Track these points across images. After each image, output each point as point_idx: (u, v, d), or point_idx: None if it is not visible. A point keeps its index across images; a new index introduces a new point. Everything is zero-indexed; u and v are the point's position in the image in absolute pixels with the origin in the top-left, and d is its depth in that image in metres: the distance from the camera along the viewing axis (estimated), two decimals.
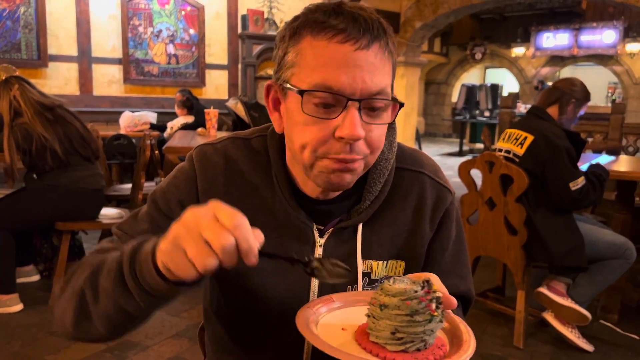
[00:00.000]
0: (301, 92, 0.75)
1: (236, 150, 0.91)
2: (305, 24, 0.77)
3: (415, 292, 0.66)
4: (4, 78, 2.91)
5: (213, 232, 0.61)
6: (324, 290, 0.88)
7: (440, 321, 0.67)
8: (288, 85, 0.78)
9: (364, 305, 0.71)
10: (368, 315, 0.68)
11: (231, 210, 0.63)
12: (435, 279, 0.74)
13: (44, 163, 2.86)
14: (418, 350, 0.66)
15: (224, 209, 0.63)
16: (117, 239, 0.89)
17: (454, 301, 0.72)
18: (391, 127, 0.94)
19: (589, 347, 2.61)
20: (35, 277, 3.32)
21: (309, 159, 0.79)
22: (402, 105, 0.81)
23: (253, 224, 0.88)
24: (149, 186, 3.95)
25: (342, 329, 0.72)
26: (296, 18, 0.79)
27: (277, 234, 0.88)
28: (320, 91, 0.75)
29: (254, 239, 0.63)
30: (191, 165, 0.90)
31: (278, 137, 0.90)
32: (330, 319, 0.75)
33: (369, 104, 0.76)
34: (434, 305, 0.66)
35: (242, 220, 0.63)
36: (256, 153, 0.91)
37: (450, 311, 0.73)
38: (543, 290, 2.64)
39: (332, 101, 0.75)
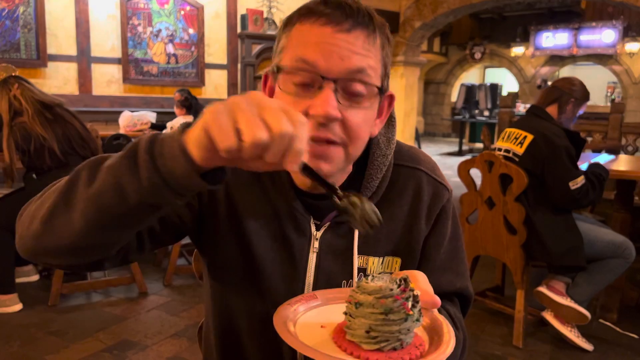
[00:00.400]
0: (279, 68, 0.78)
1: None
2: (296, 13, 0.80)
3: (391, 290, 0.64)
4: (3, 77, 2.91)
5: (276, 116, 0.56)
6: (319, 283, 0.88)
7: (417, 320, 0.66)
8: (275, 68, 0.80)
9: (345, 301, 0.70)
10: (345, 313, 0.68)
11: (298, 112, 0.59)
12: (421, 277, 0.73)
13: (43, 163, 2.86)
14: (394, 349, 0.65)
15: (292, 108, 0.59)
16: None
17: (437, 300, 0.71)
18: (391, 124, 0.94)
19: (588, 346, 2.61)
20: (35, 277, 3.32)
21: None
22: (382, 91, 0.81)
23: (255, 210, 0.89)
24: None
25: (322, 326, 0.72)
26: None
27: (277, 223, 0.89)
28: (295, 68, 0.76)
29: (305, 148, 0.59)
30: None
31: None
32: (312, 316, 0.74)
33: (347, 87, 0.77)
34: (409, 304, 0.65)
35: (306, 123, 0.59)
36: None
37: (435, 310, 0.73)
38: (542, 289, 2.64)
39: (309, 80, 0.76)
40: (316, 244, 0.89)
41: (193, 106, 5.53)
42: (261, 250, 0.88)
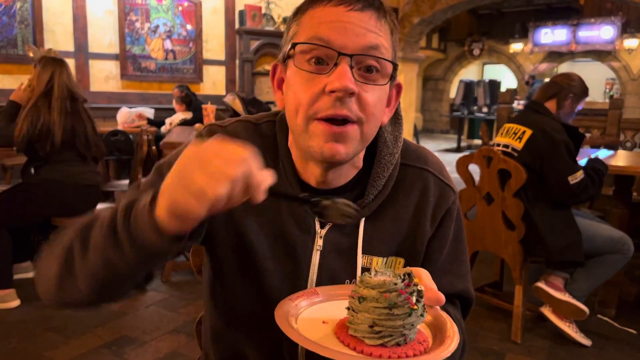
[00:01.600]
0: (294, 45, 0.79)
1: (245, 133, 0.91)
2: (306, 1, 0.82)
3: (395, 284, 0.64)
4: (53, 56, 3.09)
5: (225, 161, 0.58)
6: (322, 282, 0.87)
7: (422, 315, 0.65)
8: (287, 49, 0.81)
9: (348, 298, 0.70)
10: (348, 308, 0.67)
11: (239, 145, 0.60)
12: (425, 274, 0.73)
13: (41, 147, 2.89)
14: (397, 344, 0.64)
15: (232, 143, 0.60)
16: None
17: (441, 297, 0.71)
18: (397, 121, 0.94)
19: (586, 342, 2.62)
20: (33, 273, 3.31)
21: (302, 121, 0.79)
22: (395, 65, 0.82)
23: (258, 207, 0.88)
24: None
25: (324, 322, 0.71)
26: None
27: (280, 219, 0.88)
28: (310, 43, 0.77)
29: (264, 174, 0.62)
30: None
31: (286, 123, 0.90)
32: (313, 312, 0.74)
33: (362, 61, 0.78)
34: (414, 299, 0.64)
35: (252, 153, 0.60)
36: (264, 137, 0.91)
37: (438, 307, 0.72)
38: (541, 285, 2.64)
39: (324, 56, 0.77)
40: (320, 242, 0.88)
41: (192, 102, 5.52)
42: (263, 248, 0.88)
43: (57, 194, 2.94)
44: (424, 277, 0.72)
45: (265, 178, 0.61)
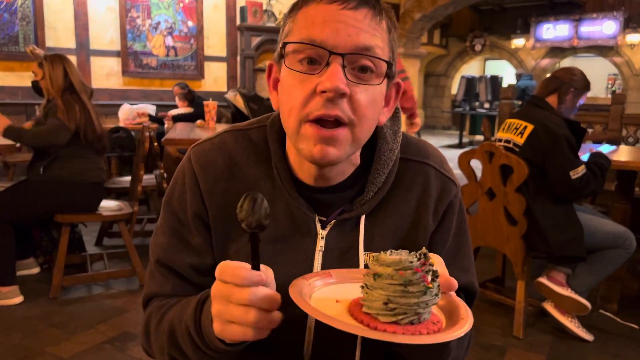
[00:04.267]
0: (285, 44, 0.77)
1: (234, 143, 0.90)
2: None
3: (411, 262, 0.64)
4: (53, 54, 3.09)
5: (241, 297, 0.64)
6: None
7: (436, 295, 0.65)
8: (280, 52, 0.80)
9: (361, 282, 0.69)
10: (362, 287, 0.67)
11: (238, 267, 0.65)
12: (437, 259, 0.73)
13: (55, 143, 2.91)
14: (411, 323, 0.63)
15: (240, 267, 0.65)
16: (158, 270, 0.91)
17: (454, 282, 0.70)
18: (395, 116, 0.93)
19: (588, 337, 2.62)
20: (35, 270, 3.32)
21: (295, 124, 0.78)
22: (390, 64, 0.80)
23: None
24: (148, 178, 3.95)
25: (337, 301, 0.70)
26: None
27: (279, 226, 0.86)
28: (301, 43, 0.76)
29: (269, 297, 0.66)
30: (190, 167, 0.89)
31: (277, 127, 0.88)
32: (326, 292, 0.73)
33: (355, 61, 0.76)
34: (429, 277, 0.64)
35: (247, 272, 0.65)
36: (255, 144, 0.90)
37: (452, 293, 0.72)
38: (543, 280, 2.64)
39: (316, 56, 0.76)
40: (322, 243, 0.87)
41: (195, 99, 5.53)
42: (263, 255, 0.87)
43: (62, 192, 2.94)
44: (436, 263, 0.71)
45: (273, 300, 0.66)
